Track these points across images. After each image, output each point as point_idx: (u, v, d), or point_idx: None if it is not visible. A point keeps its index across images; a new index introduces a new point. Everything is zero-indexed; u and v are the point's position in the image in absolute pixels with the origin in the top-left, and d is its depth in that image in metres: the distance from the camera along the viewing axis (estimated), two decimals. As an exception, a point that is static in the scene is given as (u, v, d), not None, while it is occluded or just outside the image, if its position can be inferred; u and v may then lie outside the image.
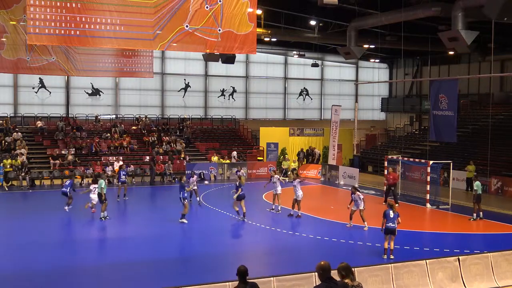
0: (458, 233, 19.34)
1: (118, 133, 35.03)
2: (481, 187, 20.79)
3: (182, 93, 41.96)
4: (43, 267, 14.11)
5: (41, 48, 20.07)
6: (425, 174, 24.87)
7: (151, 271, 13.74)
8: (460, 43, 22.51)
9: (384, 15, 26.39)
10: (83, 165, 30.61)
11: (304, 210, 21.02)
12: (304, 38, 34.81)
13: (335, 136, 33.48)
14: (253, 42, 13.84)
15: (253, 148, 37.55)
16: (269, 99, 45.12)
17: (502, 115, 36.61)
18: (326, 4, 19.98)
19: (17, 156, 29.70)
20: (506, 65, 38.54)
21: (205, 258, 15.04)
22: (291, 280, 10.73)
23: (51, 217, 20.62)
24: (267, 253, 16.42)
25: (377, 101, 49.02)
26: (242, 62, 43.27)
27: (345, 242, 17.08)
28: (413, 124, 45.31)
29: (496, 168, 28.41)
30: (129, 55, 22.69)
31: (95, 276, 13.59)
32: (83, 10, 12.25)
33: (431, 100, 25.48)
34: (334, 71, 47.54)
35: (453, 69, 41.95)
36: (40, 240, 17.06)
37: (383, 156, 29.87)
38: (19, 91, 37.38)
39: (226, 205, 22.95)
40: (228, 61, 32.22)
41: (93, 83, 38.78)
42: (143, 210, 22.80)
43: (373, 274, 11.54)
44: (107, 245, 16.47)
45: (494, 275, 12.65)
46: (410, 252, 15.61)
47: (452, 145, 32.51)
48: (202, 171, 32.02)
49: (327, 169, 33.21)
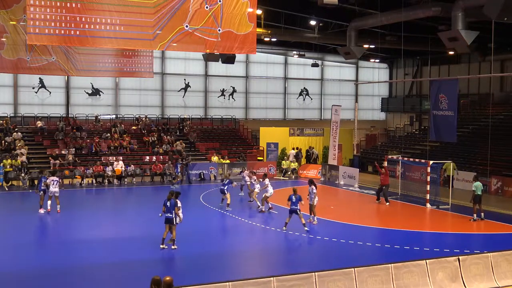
0: (458, 233, 19.34)
1: (118, 133, 35.03)
2: (481, 187, 20.72)
3: (182, 93, 41.95)
4: (43, 267, 14.11)
5: (41, 48, 20.09)
6: (425, 174, 24.87)
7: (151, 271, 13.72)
8: (460, 43, 22.52)
9: (384, 15, 26.39)
10: (83, 165, 30.61)
11: (304, 210, 21.01)
12: (304, 38, 34.81)
13: (335, 136, 33.48)
14: (253, 42, 13.86)
15: (253, 148, 37.55)
16: (269, 99, 45.11)
17: (502, 115, 36.60)
18: (326, 4, 20.02)
19: (17, 156, 29.69)
20: (506, 65, 38.53)
21: (205, 258, 15.05)
22: (291, 280, 10.73)
23: (51, 217, 20.62)
24: (267, 253, 16.42)
25: (377, 101, 49.02)
26: (242, 62, 43.26)
27: (345, 242, 17.07)
28: (413, 124, 45.31)
29: (496, 168, 28.39)
30: (129, 55, 22.72)
31: (94, 276, 13.59)
32: (83, 10, 12.27)
33: (431, 100, 25.48)
34: (334, 71, 47.54)
35: (453, 69, 41.94)
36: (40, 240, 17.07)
37: (383, 156, 29.90)
38: (19, 91, 37.37)
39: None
40: (228, 61, 32.23)
41: (93, 83, 38.77)
42: (143, 210, 22.78)
43: (373, 274, 11.54)
44: (107, 245, 16.45)
45: (494, 275, 12.65)
46: (410, 252, 15.62)
47: (452, 145, 32.50)
48: (202, 171, 32.03)
49: (327, 169, 33.21)
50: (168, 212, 15.70)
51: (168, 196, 15.87)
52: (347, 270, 11.36)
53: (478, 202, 20.51)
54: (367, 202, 24.88)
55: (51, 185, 20.81)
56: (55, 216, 20.68)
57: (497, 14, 18.91)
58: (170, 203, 15.73)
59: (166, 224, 15.78)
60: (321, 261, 15.42)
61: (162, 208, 15.88)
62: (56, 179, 21.09)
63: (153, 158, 33.20)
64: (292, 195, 18.24)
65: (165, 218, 15.75)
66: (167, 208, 15.72)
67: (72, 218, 20.55)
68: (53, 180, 20.89)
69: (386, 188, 24.21)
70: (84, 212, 21.86)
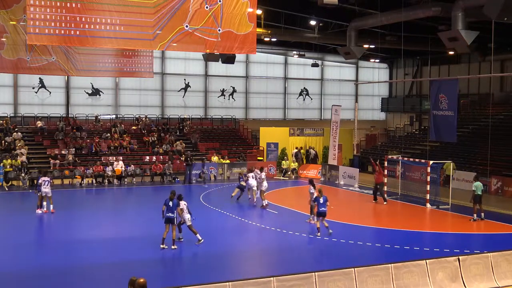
0: (458, 233, 19.33)
1: (118, 133, 35.04)
2: (481, 187, 20.72)
3: (182, 93, 41.96)
4: (43, 267, 14.11)
5: (41, 48, 20.08)
6: (425, 174, 24.87)
7: (151, 271, 13.74)
8: (460, 43, 22.52)
9: (384, 15, 26.39)
10: (83, 165, 30.61)
11: (304, 210, 21.03)
12: (304, 38, 34.81)
13: (335, 136, 33.48)
14: (253, 42, 13.85)
15: (253, 148, 37.55)
16: (269, 99, 45.12)
17: (502, 115, 36.60)
18: (326, 4, 20.02)
19: (17, 156, 29.70)
20: (506, 65, 38.53)
21: (205, 258, 15.05)
22: (291, 280, 10.73)
23: (51, 217, 20.62)
24: (267, 253, 16.42)
25: (377, 101, 49.02)
26: (242, 62, 43.27)
27: (345, 242, 17.07)
28: (413, 124, 45.31)
29: (496, 168, 28.39)
30: (129, 55, 22.70)
31: (94, 276, 13.60)
32: (83, 10, 12.27)
33: (431, 100, 25.48)
34: (334, 71, 47.54)
35: (453, 69, 41.94)
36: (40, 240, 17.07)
37: (383, 156, 29.89)
38: (19, 91, 37.38)
39: (226, 205, 22.98)
40: (228, 61, 32.22)
41: (93, 83, 38.77)
42: (143, 210, 22.77)
43: (373, 274, 11.54)
44: (107, 245, 16.44)
45: (494, 275, 12.65)
46: (410, 252, 15.62)
47: (452, 145, 32.50)
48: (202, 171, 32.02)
49: (327, 169, 33.21)
50: (170, 212, 15.67)
51: (170, 196, 15.86)
52: (347, 270, 11.37)
53: (478, 202, 20.51)
54: (367, 202, 24.87)
55: (42, 185, 20.78)
56: (55, 216, 20.68)
57: (497, 14, 18.92)
58: (173, 203, 15.72)
59: (166, 224, 15.77)
60: (321, 261, 15.44)
61: (162, 207, 15.85)
62: (47, 179, 21.08)
63: (153, 158, 33.21)
64: (318, 197, 17.35)
65: (166, 217, 15.73)
66: (169, 208, 15.69)
67: (72, 218, 20.57)
68: (45, 181, 20.90)
69: (381, 187, 24.25)
70: (84, 212, 21.86)
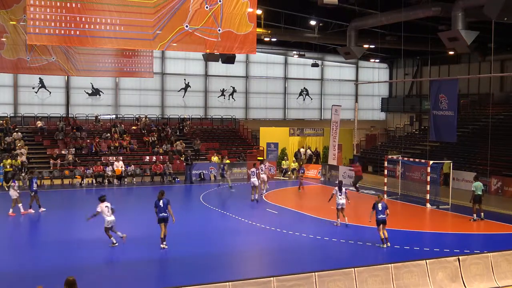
0: (458, 233, 19.34)
1: (118, 133, 35.04)
2: (481, 187, 20.70)
3: (182, 93, 41.95)
4: (43, 267, 14.12)
5: (41, 48, 20.07)
6: (425, 174, 24.87)
7: (151, 271, 13.74)
8: (460, 43, 22.51)
9: (384, 15, 26.38)
10: (83, 165, 30.60)
11: (305, 210, 21.03)
12: (304, 38, 34.80)
13: (335, 136, 33.47)
14: (253, 42, 13.85)
15: (253, 148, 37.54)
16: (269, 99, 45.11)
17: (502, 115, 36.59)
18: (326, 4, 20.01)
19: (17, 156, 29.70)
20: (506, 65, 38.53)
21: (205, 258, 15.04)
22: (291, 280, 10.73)
23: (50, 217, 20.61)
24: (267, 253, 16.42)
25: (377, 101, 49.02)
26: (242, 62, 43.26)
27: (345, 242, 17.08)
28: (413, 124, 45.30)
29: (496, 168, 28.39)
30: (129, 55, 22.70)
31: (94, 275, 13.58)
32: (83, 10, 12.27)
33: (431, 100, 25.48)
34: (334, 71, 47.53)
35: (453, 69, 41.93)
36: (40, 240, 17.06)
37: (383, 156, 29.89)
38: (19, 91, 37.37)
39: (226, 205, 22.97)
40: (228, 61, 32.20)
41: (93, 83, 38.76)
42: (144, 210, 22.76)
43: (373, 274, 11.54)
44: (107, 245, 16.43)
45: (494, 275, 12.65)
46: (410, 252, 15.63)
47: (452, 145, 32.50)
48: (202, 171, 32.03)
49: (327, 169, 33.20)
50: (163, 212, 15.72)
51: (158, 196, 15.88)
52: (347, 270, 11.37)
53: (478, 202, 20.51)
54: (367, 202, 24.83)
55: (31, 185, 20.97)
56: (55, 216, 20.67)
57: (497, 14, 18.91)
58: (163, 203, 15.76)
59: (161, 224, 15.80)
60: (321, 261, 15.42)
61: (155, 209, 15.85)
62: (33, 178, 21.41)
63: (153, 158, 33.21)
64: (376, 203, 16.49)
65: (160, 218, 15.76)
66: (160, 208, 15.73)
67: (72, 218, 20.56)
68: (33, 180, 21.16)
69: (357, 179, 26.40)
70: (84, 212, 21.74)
